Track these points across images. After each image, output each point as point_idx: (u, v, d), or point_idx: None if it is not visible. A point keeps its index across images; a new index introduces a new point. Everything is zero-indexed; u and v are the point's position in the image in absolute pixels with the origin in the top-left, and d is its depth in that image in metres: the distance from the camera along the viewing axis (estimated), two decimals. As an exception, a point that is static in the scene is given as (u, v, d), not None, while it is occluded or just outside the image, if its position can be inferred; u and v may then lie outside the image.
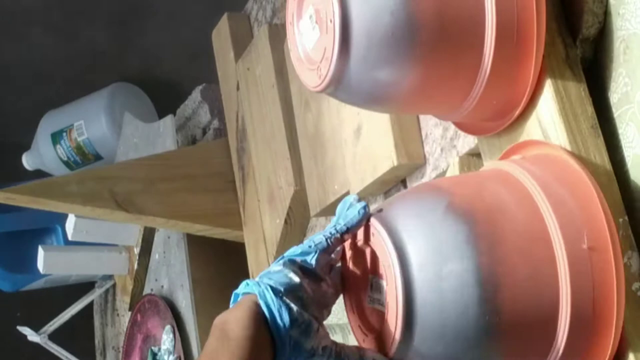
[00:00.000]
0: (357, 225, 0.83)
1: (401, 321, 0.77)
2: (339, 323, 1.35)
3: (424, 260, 0.78)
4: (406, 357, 0.79)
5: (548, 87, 0.89)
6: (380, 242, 0.80)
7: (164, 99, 2.03)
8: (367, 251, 0.84)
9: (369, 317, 0.84)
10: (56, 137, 2.08)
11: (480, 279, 0.77)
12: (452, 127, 1.06)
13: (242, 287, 0.81)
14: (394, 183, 1.19)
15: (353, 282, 0.86)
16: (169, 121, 1.77)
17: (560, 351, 0.81)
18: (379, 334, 0.81)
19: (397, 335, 0.78)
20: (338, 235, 0.82)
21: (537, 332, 0.81)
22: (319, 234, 0.83)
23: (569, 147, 0.87)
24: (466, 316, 0.77)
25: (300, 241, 1.45)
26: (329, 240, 0.82)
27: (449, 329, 0.78)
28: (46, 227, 2.13)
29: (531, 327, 0.80)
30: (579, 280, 0.80)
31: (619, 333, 0.81)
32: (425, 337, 0.78)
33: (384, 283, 0.80)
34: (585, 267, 0.80)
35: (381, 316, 0.81)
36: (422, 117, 1.14)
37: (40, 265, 1.85)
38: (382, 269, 0.81)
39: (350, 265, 0.86)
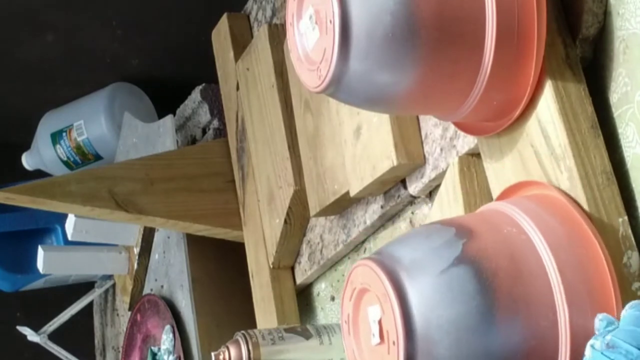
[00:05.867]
0: None
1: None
2: (339, 323, 1.35)
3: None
4: None
5: (548, 87, 0.89)
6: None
7: (164, 99, 2.03)
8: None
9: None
10: (56, 137, 2.08)
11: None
12: (452, 127, 1.06)
13: None
14: (393, 183, 1.19)
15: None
16: (168, 121, 1.77)
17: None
18: None
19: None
20: None
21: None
22: None
23: (568, 147, 0.87)
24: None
25: (300, 241, 1.45)
26: None
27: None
28: (46, 227, 2.13)
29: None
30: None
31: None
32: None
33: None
34: None
35: None
36: (421, 117, 1.14)
37: (40, 265, 1.85)
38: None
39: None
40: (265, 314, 1.50)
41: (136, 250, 1.85)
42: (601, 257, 0.82)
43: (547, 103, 0.89)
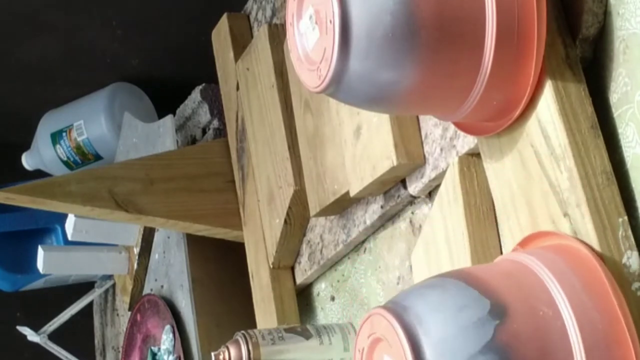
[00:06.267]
0: None
1: None
2: (339, 323, 1.35)
3: None
4: None
5: (548, 87, 0.89)
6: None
7: (164, 99, 2.03)
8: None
9: None
10: (56, 137, 2.08)
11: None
12: (452, 127, 1.06)
13: None
14: (393, 183, 1.19)
15: None
16: (168, 121, 1.77)
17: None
18: None
19: None
20: None
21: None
22: None
23: (568, 147, 0.87)
24: None
25: (300, 241, 1.45)
26: None
27: None
28: (46, 227, 2.13)
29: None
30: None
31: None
32: None
33: None
34: None
35: None
36: (421, 117, 1.14)
37: (40, 265, 1.85)
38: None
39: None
40: (265, 314, 1.50)
41: (136, 250, 1.85)
42: (629, 344, 0.80)
43: (547, 103, 0.89)
